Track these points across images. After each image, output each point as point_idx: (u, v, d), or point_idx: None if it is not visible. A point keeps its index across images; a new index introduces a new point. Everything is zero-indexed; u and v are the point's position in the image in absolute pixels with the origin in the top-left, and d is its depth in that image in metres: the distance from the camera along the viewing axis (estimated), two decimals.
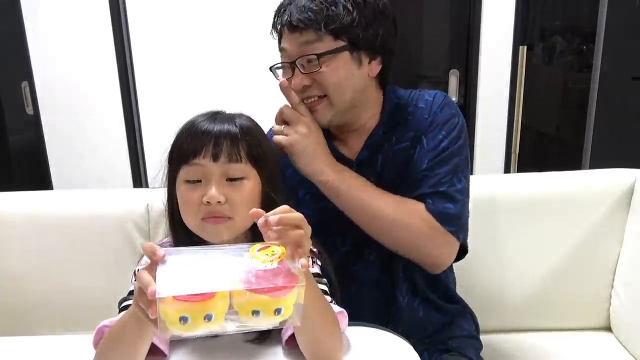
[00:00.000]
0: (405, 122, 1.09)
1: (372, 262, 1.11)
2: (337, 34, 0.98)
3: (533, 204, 1.40)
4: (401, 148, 1.08)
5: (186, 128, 0.90)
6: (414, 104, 1.10)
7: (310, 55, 0.98)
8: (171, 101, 2.29)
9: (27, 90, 2.34)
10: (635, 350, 1.31)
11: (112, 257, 1.40)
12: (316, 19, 0.97)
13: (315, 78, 1.01)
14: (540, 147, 2.78)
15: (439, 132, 1.06)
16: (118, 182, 2.36)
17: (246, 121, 0.91)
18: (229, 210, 0.83)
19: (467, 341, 1.17)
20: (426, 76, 2.54)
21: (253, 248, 0.66)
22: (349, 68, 1.01)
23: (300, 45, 0.99)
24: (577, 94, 2.70)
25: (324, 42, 0.98)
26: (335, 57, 0.99)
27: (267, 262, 0.64)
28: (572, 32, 2.67)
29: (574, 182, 1.44)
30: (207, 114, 0.91)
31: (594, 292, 1.43)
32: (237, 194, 0.84)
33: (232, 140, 0.85)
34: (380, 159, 1.09)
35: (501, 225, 1.14)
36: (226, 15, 2.21)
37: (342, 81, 1.01)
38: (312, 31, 0.97)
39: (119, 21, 2.21)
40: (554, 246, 1.41)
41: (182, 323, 0.59)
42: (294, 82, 1.02)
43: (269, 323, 0.64)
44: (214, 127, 0.86)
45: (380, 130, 1.09)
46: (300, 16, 0.97)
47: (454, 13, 2.47)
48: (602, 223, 1.39)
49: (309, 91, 1.02)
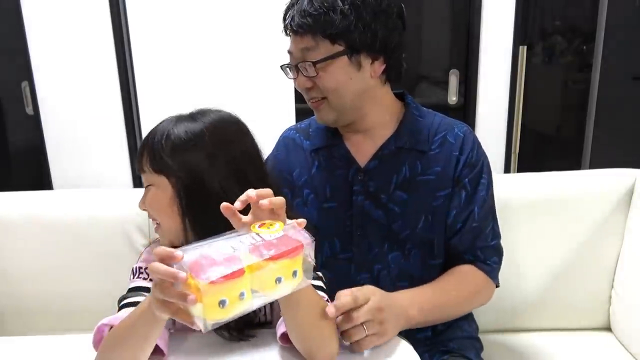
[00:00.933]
0: (429, 150, 1.08)
1: (381, 279, 1.10)
2: (334, 39, 0.98)
3: (533, 204, 1.40)
4: (427, 180, 1.07)
5: None
6: (442, 133, 1.09)
7: (307, 62, 1.00)
8: (171, 101, 2.28)
9: (27, 90, 2.34)
10: (635, 350, 1.31)
11: (111, 257, 1.40)
12: (314, 25, 0.97)
13: (315, 81, 1.02)
14: (540, 147, 2.77)
15: (479, 178, 1.09)
16: (118, 182, 2.36)
17: (177, 123, 0.91)
18: (150, 213, 0.93)
19: (467, 342, 1.17)
20: (426, 76, 2.53)
21: (253, 226, 0.70)
22: (347, 72, 1.01)
23: (301, 50, 1.01)
24: (577, 94, 2.70)
25: (321, 47, 0.99)
26: (332, 62, 1.00)
27: (273, 232, 0.68)
28: (572, 32, 2.67)
29: (574, 182, 1.44)
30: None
31: (594, 292, 1.43)
32: (149, 200, 0.92)
33: (143, 152, 0.91)
34: (395, 179, 1.08)
35: (501, 225, 1.15)
36: (226, 15, 2.21)
37: (340, 86, 1.01)
38: (310, 37, 0.99)
39: (119, 21, 2.21)
40: (554, 246, 1.41)
41: (221, 307, 0.61)
42: (298, 83, 1.05)
43: (289, 288, 0.68)
44: (145, 138, 0.92)
45: (393, 145, 1.09)
46: (300, 21, 0.98)
47: (454, 13, 2.46)
48: (602, 223, 1.39)
49: (311, 93, 1.04)
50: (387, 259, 1.09)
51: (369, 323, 0.86)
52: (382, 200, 1.08)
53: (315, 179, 1.11)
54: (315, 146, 1.14)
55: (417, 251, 1.09)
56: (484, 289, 1.11)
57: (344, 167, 1.10)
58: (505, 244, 1.16)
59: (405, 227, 1.08)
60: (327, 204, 1.10)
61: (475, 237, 1.09)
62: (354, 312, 0.85)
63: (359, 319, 0.84)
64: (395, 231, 1.08)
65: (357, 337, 0.85)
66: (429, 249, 1.09)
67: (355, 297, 0.85)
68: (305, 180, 1.11)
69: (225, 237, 0.68)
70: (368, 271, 1.10)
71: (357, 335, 0.85)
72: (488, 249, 1.11)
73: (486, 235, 1.10)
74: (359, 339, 0.86)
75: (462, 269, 1.09)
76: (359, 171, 1.09)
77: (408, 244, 1.08)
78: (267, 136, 1.27)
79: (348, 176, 1.09)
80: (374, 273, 1.10)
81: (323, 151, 1.13)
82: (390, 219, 1.08)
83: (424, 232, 1.08)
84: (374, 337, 0.87)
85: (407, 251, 1.09)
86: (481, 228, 1.09)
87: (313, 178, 1.12)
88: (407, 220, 1.07)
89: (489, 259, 1.11)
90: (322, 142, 1.13)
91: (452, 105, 2.44)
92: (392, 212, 1.08)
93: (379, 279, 1.10)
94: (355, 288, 0.89)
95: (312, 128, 1.17)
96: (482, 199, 1.09)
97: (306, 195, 1.12)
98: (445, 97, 2.43)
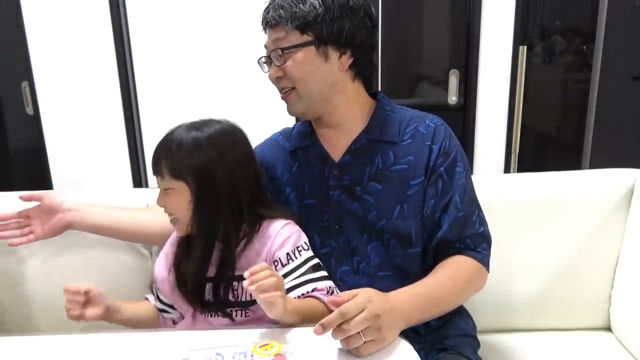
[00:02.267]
0: (401, 141, 1.11)
1: (361, 271, 1.12)
2: (302, 30, 1.04)
3: (533, 204, 1.40)
4: (400, 169, 1.10)
5: None
6: (413, 125, 1.13)
7: (277, 50, 1.06)
8: (171, 101, 2.29)
9: (27, 90, 2.34)
10: (635, 350, 1.31)
11: (111, 257, 1.40)
12: (285, 16, 1.04)
13: (284, 70, 1.08)
14: (540, 147, 2.78)
15: (454, 166, 1.10)
16: (118, 182, 2.36)
17: (187, 133, 1.01)
18: (171, 211, 1.04)
19: (464, 340, 1.18)
20: (426, 76, 2.53)
21: (255, 346, 0.84)
22: (314, 62, 1.06)
23: (273, 40, 1.08)
24: (577, 94, 2.70)
25: (291, 37, 1.05)
26: (299, 51, 1.05)
27: (265, 355, 0.82)
28: (572, 32, 2.67)
29: (574, 182, 1.44)
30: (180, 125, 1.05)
31: (594, 292, 1.43)
32: (170, 201, 1.03)
33: (160, 157, 1.02)
34: (368, 171, 1.11)
35: (501, 225, 1.15)
36: (226, 16, 2.21)
37: (307, 74, 1.07)
38: (281, 27, 1.05)
39: (119, 21, 2.21)
40: (553, 246, 1.41)
41: None
42: (270, 74, 1.11)
43: None
44: (160, 143, 1.03)
45: (365, 138, 1.12)
46: (273, 13, 1.06)
47: (454, 13, 2.46)
48: (602, 223, 1.39)
49: (282, 82, 1.10)
50: (366, 250, 1.12)
51: (366, 330, 0.85)
52: (357, 192, 1.11)
53: (295, 178, 1.17)
54: (294, 147, 1.19)
55: (395, 240, 1.10)
56: (477, 276, 1.11)
57: (320, 165, 1.14)
58: (505, 244, 1.16)
59: (380, 217, 1.10)
60: (306, 201, 1.15)
61: (463, 226, 1.10)
62: (344, 325, 0.84)
63: (350, 331, 0.84)
64: (372, 222, 1.10)
65: (355, 345, 0.85)
66: (407, 238, 1.10)
67: (342, 313, 0.83)
68: (287, 179, 1.18)
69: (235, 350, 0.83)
70: (348, 264, 1.13)
71: (354, 344, 0.85)
72: (477, 236, 1.12)
73: (473, 222, 1.12)
74: (357, 347, 0.85)
75: (454, 260, 1.10)
76: (333, 167, 1.13)
77: (386, 234, 1.10)
78: (267, 136, 1.28)
79: (324, 172, 1.14)
80: (353, 265, 1.12)
81: (301, 151, 1.18)
82: (365, 210, 1.11)
83: (399, 221, 1.10)
84: (372, 344, 0.86)
85: (385, 241, 1.11)
86: (467, 216, 1.11)
87: (294, 176, 1.17)
88: (382, 210, 1.10)
89: (479, 246, 1.12)
90: (300, 142, 1.19)
91: (452, 105, 2.44)
92: (367, 203, 1.10)
93: (358, 271, 1.12)
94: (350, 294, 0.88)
95: (294, 130, 1.23)
96: (461, 187, 1.10)
97: (288, 193, 1.18)
98: (445, 97, 2.43)
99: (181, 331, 1.08)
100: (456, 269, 1.09)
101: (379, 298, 0.91)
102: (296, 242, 1.05)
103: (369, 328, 0.85)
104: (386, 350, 0.88)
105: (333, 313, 0.84)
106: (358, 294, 0.88)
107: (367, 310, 0.86)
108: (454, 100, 2.43)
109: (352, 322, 0.84)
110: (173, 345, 0.91)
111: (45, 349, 0.95)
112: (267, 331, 0.93)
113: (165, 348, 0.91)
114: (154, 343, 0.95)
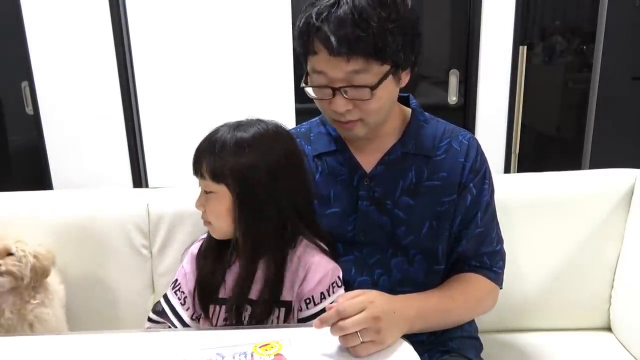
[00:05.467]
0: (435, 156, 1.08)
1: (381, 284, 1.09)
2: (383, 60, 0.93)
3: (533, 204, 1.40)
4: (433, 185, 1.07)
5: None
6: (446, 140, 1.10)
7: (362, 88, 0.94)
8: (171, 101, 2.29)
9: (27, 90, 2.34)
10: (635, 350, 1.31)
11: (111, 257, 1.40)
12: (366, 47, 0.90)
13: (357, 103, 0.97)
14: (540, 147, 2.78)
15: (482, 183, 1.09)
16: (118, 182, 2.36)
17: (231, 133, 0.96)
18: (207, 216, 1.00)
19: (467, 342, 1.17)
20: (426, 76, 2.53)
21: (255, 346, 0.84)
22: (392, 90, 1.00)
23: (346, 72, 0.93)
24: (577, 94, 2.70)
25: (372, 69, 0.93)
26: (381, 83, 0.95)
27: (264, 356, 0.82)
28: (572, 32, 2.67)
29: (574, 182, 1.44)
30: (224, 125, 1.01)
31: (594, 292, 1.43)
32: (209, 205, 0.99)
33: (201, 158, 0.97)
34: (401, 184, 1.08)
35: (501, 225, 1.14)
36: (226, 16, 2.21)
37: (384, 104, 1.00)
38: (362, 60, 0.91)
39: (119, 21, 2.21)
40: (554, 246, 1.41)
41: None
42: (336, 107, 0.97)
43: None
44: (203, 142, 0.98)
45: (399, 150, 1.08)
46: (346, 42, 0.90)
47: (454, 13, 2.46)
48: (602, 223, 1.39)
49: (349, 115, 0.99)
50: (389, 264, 1.09)
51: (364, 331, 0.85)
52: (387, 206, 1.07)
53: (319, 185, 1.10)
54: (318, 152, 1.12)
55: (421, 257, 1.08)
56: (488, 297, 1.11)
57: (348, 173, 1.09)
58: (505, 244, 1.16)
59: (409, 233, 1.07)
60: (330, 209, 1.09)
61: (481, 243, 1.09)
62: (341, 323, 0.84)
63: (347, 329, 0.84)
64: (399, 237, 1.07)
65: (351, 344, 0.85)
66: (434, 255, 1.08)
67: (339, 311, 0.84)
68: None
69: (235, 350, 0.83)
70: (368, 275, 1.10)
71: (351, 342, 0.85)
72: (494, 254, 1.11)
73: (492, 239, 1.11)
74: (354, 346, 0.86)
75: (468, 276, 1.09)
76: (364, 176, 1.08)
77: (412, 250, 1.08)
78: None
79: (353, 181, 1.09)
80: (374, 277, 1.09)
81: (327, 156, 1.12)
82: (394, 224, 1.07)
83: (428, 238, 1.07)
84: (370, 345, 0.86)
85: (411, 257, 1.08)
86: (486, 233, 1.10)
87: (317, 184, 1.10)
88: (412, 226, 1.07)
89: (495, 265, 1.11)
90: (325, 147, 1.12)
91: (452, 105, 2.44)
92: (397, 218, 1.07)
93: (378, 283, 1.09)
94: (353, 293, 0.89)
95: (312, 133, 1.16)
96: (485, 203, 1.09)
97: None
98: (445, 97, 2.44)
99: (181, 331, 1.07)
100: (467, 285, 1.08)
101: (382, 300, 0.90)
102: (331, 279, 1.01)
103: (368, 329, 0.85)
104: (386, 351, 0.88)
105: (331, 310, 0.85)
106: (361, 294, 0.88)
107: (367, 311, 0.85)
108: (454, 100, 2.43)
109: (349, 320, 0.84)
110: (173, 345, 0.91)
111: (45, 349, 0.95)
112: (267, 331, 0.93)
113: (165, 348, 0.91)
114: (154, 343, 0.95)
